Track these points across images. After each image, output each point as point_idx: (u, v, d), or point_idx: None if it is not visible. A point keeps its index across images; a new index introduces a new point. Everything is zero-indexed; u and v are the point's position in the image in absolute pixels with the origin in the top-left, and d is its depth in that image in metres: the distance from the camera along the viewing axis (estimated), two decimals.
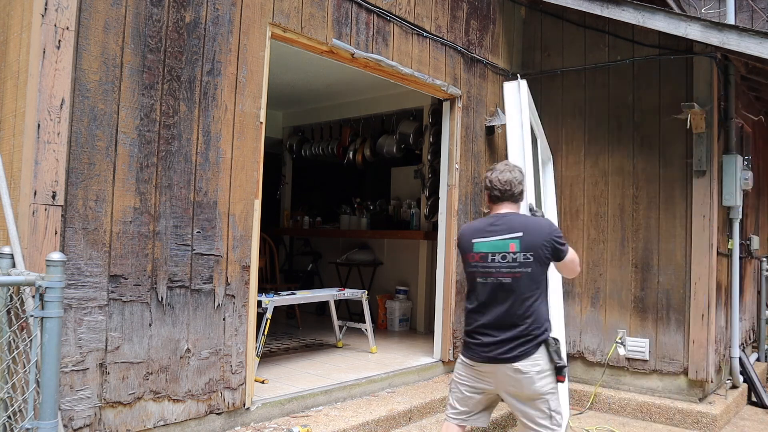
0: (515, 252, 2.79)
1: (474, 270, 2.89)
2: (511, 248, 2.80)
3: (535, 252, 2.79)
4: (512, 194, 2.95)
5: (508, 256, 2.80)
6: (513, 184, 2.94)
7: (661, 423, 4.95)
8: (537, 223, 2.90)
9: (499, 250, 2.82)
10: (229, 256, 3.45)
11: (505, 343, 2.77)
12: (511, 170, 2.97)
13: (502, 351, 2.77)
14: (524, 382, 2.75)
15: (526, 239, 2.79)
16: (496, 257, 2.82)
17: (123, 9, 2.96)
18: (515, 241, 2.79)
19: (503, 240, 2.82)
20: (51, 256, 2.31)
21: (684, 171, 5.11)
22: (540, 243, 2.80)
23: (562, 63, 5.83)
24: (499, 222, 2.88)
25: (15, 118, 2.78)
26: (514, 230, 2.82)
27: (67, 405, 2.75)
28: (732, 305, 5.63)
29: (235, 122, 3.50)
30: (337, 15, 4.16)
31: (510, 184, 2.93)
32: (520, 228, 2.83)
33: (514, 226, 2.84)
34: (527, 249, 2.79)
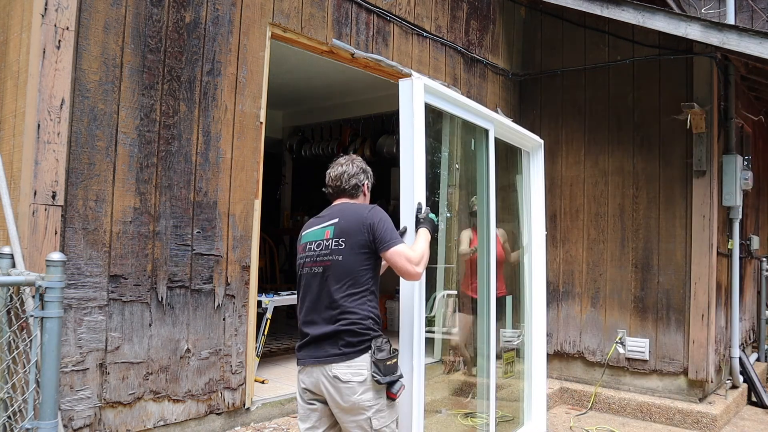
0: (328, 239, 2.48)
1: (300, 261, 2.60)
2: (326, 235, 2.50)
3: (348, 238, 2.44)
4: (343, 190, 2.64)
5: (323, 243, 2.49)
6: (343, 179, 2.63)
7: (661, 423, 4.95)
8: (357, 208, 2.56)
9: (317, 239, 2.53)
10: (229, 256, 3.45)
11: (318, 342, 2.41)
12: (345, 164, 2.67)
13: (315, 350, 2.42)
14: (343, 391, 2.35)
15: (340, 224, 2.48)
16: (312, 245, 2.53)
17: (123, 9, 2.96)
18: (330, 228, 2.50)
19: (321, 228, 2.54)
20: (51, 256, 2.31)
21: (684, 171, 5.11)
22: (354, 228, 2.45)
23: (562, 63, 5.83)
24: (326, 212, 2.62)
25: (15, 118, 2.78)
26: (333, 217, 2.54)
27: (67, 405, 2.75)
28: (732, 305, 5.63)
29: (235, 122, 3.50)
30: (337, 15, 4.16)
31: (339, 179, 2.64)
32: (338, 214, 2.54)
33: (333, 213, 2.57)
34: (339, 235, 2.46)
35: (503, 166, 4.96)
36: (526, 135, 4.64)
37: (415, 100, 2.92)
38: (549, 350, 5.73)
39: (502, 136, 4.48)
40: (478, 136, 4.04)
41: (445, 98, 3.34)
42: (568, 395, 5.45)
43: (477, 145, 4.12)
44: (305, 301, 2.51)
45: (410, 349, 2.71)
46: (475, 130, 3.99)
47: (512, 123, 4.54)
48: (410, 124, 2.90)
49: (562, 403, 5.43)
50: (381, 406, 2.40)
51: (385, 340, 2.43)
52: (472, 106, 3.75)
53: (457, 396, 4.86)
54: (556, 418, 4.99)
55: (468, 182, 5.60)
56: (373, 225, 2.45)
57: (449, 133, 4.87)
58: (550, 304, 5.76)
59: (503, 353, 4.77)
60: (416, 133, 2.90)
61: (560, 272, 5.73)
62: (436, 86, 3.23)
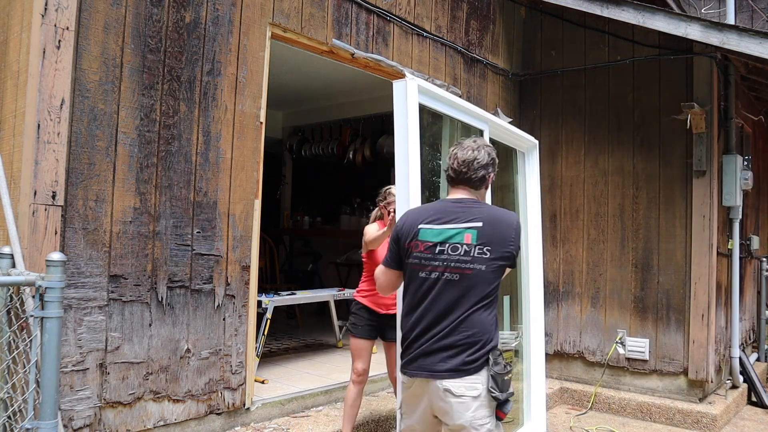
0: (470, 244, 2.25)
1: (415, 261, 2.32)
2: (465, 239, 2.26)
3: (493, 248, 2.26)
4: (468, 179, 2.39)
5: (461, 247, 2.26)
6: (472, 166, 2.38)
7: (661, 423, 4.95)
8: (503, 216, 2.35)
9: (452, 240, 2.28)
10: (229, 256, 3.45)
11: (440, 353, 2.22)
12: (476, 149, 2.40)
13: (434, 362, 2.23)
14: (455, 407, 2.18)
15: (485, 231, 2.27)
16: (446, 248, 2.27)
17: (123, 9, 2.96)
18: (472, 232, 2.26)
19: (457, 229, 2.29)
20: (51, 256, 2.31)
21: (684, 171, 5.11)
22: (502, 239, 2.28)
23: (562, 63, 5.83)
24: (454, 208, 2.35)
25: (15, 118, 2.78)
26: (472, 218, 2.30)
27: (67, 405, 2.75)
28: (732, 305, 5.63)
29: (235, 122, 3.50)
30: (337, 15, 4.16)
31: (468, 165, 2.38)
32: (479, 217, 2.30)
33: (472, 213, 2.31)
34: (484, 243, 2.25)
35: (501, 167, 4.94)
36: (521, 135, 4.65)
37: (409, 100, 2.92)
38: (549, 350, 5.74)
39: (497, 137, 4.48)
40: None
41: (439, 99, 3.34)
42: (568, 395, 5.45)
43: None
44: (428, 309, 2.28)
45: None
46: (471, 130, 3.99)
47: (507, 124, 4.54)
48: (404, 124, 2.89)
49: (562, 403, 5.43)
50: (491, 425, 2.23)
51: (499, 353, 2.27)
52: (467, 107, 3.75)
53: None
54: (556, 418, 4.99)
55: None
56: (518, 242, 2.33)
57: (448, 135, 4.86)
58: (550, 304, 5.76)
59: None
60: (410, 133, 2.89)
61: (560, 272, 5.73)
62: (430, 87, 3.23)
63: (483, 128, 3.95)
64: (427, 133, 3.44)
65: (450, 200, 2.42)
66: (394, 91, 2.92)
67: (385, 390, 4.56)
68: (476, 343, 2.22)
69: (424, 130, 3.09)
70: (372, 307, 3.49)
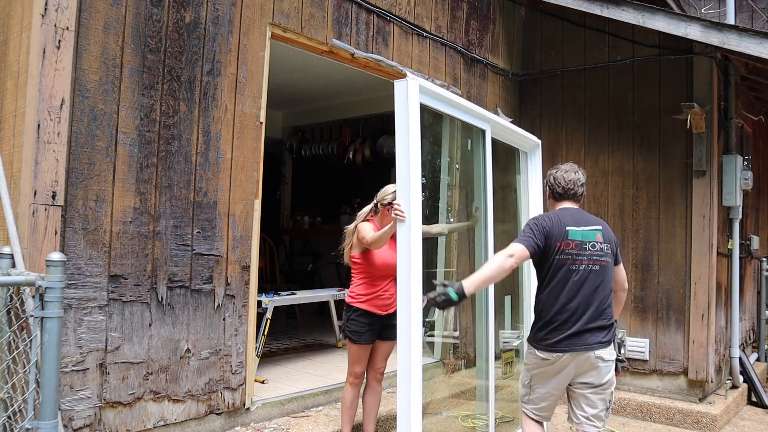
0: (601, 242, 2.93)
1: (566, 257, 2.89)
2: (598, 238, 2.93)
3: (610, 245, 2.98)
4: (575, 194, 3.08)
5: (597, 245, 2.92)
6: (577, 184, 3.09)
7: (661, 423, 4.95)
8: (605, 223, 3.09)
9: (590, 240, 2.92)
10: (229, 256, 3.45)
11: (598, 331, 2.84)
12: (575, 171, 3.13)
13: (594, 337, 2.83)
14: (603, 370, 2.87)
15: (605, 232, 2.98)
16: (588, 245, 2.91)
17: (123, 9, 2.96)
18: (600, 233, 2.95)
19: (592, 230, 2.94)
20: (51, 256, 2.31)
21: (684, 171, 5.11)
22: (612, 238, 3.02)
23: (562, 63, 5.83)
24: (579, 215, 3.02)
25: (15, 118, 2.78)
26: (595, 223, 2.99)
27: (67, 405, 2.75)
28: (732, 305, 5.63)
29: (235, 122, 3.50)
30: (337, 15, 4.16)
31: (575, 184, 3.08)
32: (598, 222, 3.02)
33: (592, 220, 3.02)
34: (607, 241, 2.96)
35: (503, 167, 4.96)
36: (523, 135, 4.65)
37: (410, 100, 2.92)
38: None
39: (499, 137, 4.48)
40: (475, 137, 4.04)
41: (440, 99, 3.33)
42: None
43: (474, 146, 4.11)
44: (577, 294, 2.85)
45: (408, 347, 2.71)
46: (472, 130, 3.98)
47: (509, 123, 4.54)
48: (405, 124, 2.89)
49: (563, 403, 5.42)
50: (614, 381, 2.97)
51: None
52: (469, 107, 3.74)
53: (457, 398, 4.86)
54: (556, 418, 4.98)
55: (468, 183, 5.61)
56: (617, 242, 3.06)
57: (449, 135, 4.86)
58: None
59: (502, 354, 4.77)
60: (411, 133, 2.88)
61: None
62: (431, 87, 3.22)
63: (485, 128, 3.95)
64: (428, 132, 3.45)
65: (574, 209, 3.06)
66: (396, 90, 2.92)
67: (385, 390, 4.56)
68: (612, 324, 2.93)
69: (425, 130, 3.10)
70: (373, 310, 3.44)
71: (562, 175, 3.12)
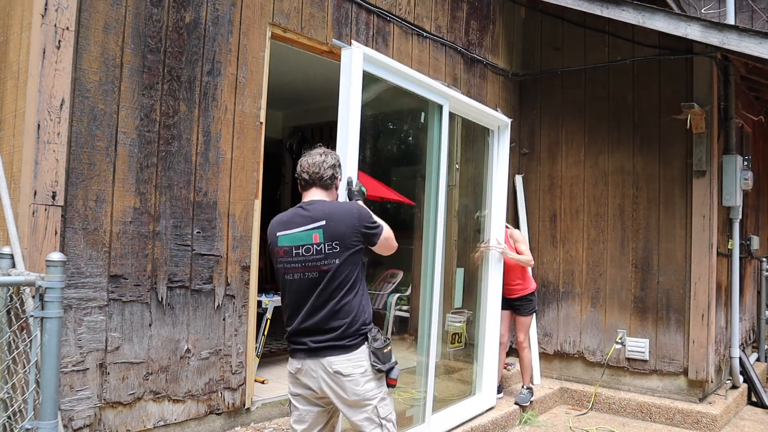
0: (319, 243, 2.49)
1: (281, 266, 2.56)
2: (314, 239, 2.50)
3: (341, 241, 2.50)
4: (320, 178, 2.63)
5: (313, 248, 2.50)
6: (322, 167, 2.63)
7: (661, 423, 4.95)
8: (342, 210, 2.58)
9: (303, 243, 2.51)
10: (229, 256, 3.45)
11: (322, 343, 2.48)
12: (322, 154, 2.68)
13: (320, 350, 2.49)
14: (347, 384, 2.47)
15: (330, 227, 2.50)
16: (299, 250, 2.51)
17: (123, 9, 2.96)
18: (318, 231, 2.50)
19: (306, 231, 2.52)
20: (51, 257, 2.31)
21: (684, 171, 5.12)
22: (346, 231, 2.51)
23: (562, 63, 5.83)
24: (303, 212, 2.58)
25: (15, 118, 2.78)
26: (317, 219, 2.52)
27: (67, 405, 2.75)
28: (732, 305, 5.63)
29: (235, 122, 3.50)
30: (337, 15, 4.16)
31: (318, 167, 2.62)
32: (323, 216, 2.52)
33: (316, 214, 2.54)
34: (331, 238, 2.49)
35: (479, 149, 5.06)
36: (490, 114, 4.70)
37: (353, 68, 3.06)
38: (549, 350, 5.74)
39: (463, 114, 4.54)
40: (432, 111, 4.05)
41: (387, 68, 3.46)
42: (568, 395, 5.45)
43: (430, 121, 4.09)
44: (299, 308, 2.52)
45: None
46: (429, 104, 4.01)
47: (473, 101, 4.56)
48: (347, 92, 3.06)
49: (562, 403, 5.43)
50: (383, 394, 2.53)
51: (377, 330, 2.56)
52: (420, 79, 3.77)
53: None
54: (556, 418, 4.99)
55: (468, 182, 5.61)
56: (366, 226, 2.57)
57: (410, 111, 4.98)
58: (549, 304, 5.76)
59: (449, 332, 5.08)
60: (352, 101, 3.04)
61: (560, 272, 5.74)
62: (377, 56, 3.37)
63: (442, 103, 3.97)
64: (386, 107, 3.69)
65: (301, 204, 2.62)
66: (342, 59, 3.08)
67: None
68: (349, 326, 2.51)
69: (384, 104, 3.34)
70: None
71: (305, 160, 2.66)
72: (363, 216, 2.59)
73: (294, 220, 2.57)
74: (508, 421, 4.59)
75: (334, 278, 2.49)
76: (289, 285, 2.55)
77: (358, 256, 2.56)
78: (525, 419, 4.77)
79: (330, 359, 2.47)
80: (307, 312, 2.51)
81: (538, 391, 5.20)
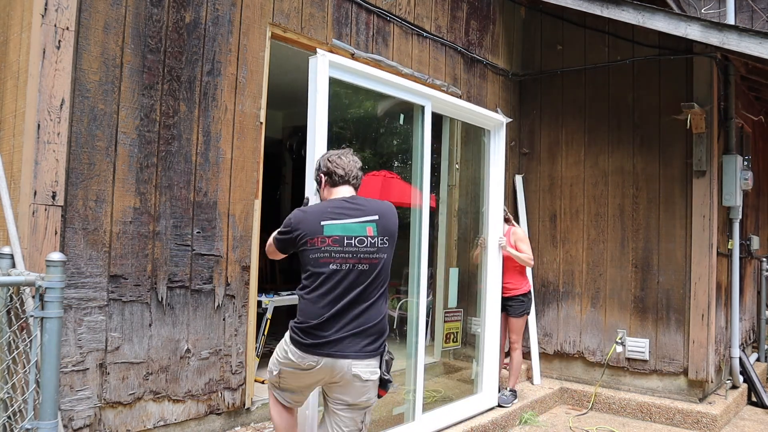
0: (373, 236, 2.55)
1: (326, 255, 2.52)
2: (368, 232, 2.55)
3: (391, 237, 2.61)
4: (355, 177, 2.73)
5: (367, 240, 2.54)
6: (356, 168, 2.73)
7: (661, 423, 4.95)
8: (390, 207, 2.68)
9: (356, 234, 2.54)
10: (229, 256, 3.45)
11: (359, 339, 2.49)
12: (353, 156, 2.78)
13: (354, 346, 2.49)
14: (361, 390, 2.51)
15: (383, 223, 2.58)
16: (352, 241, 2.52)
17: (123, 9, 2.96)
18: (372, 225, 2.56)
19: (359, 223, 2.56)
20: (51, 257, 2.31)
21: (684, 171, 5.12)
22: (394, 228, 2.64)
23: (562, 63, 5.83)
24: (351, 205, 2.61)
25: (15, 118, 2.78)
26: (369, 213, 2.59)
27: (67, 405, 2.75)
28: (732, 305, 5.63)
29: (235, 122, 3.50)
30: (337, 15, 4.16)
31: (353, 168, 2.72)
32: (375, 210, 2.60)
33: (367, 209, 2.60)
34: (383, 234, 2.57)
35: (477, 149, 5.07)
36: (483, 114, 4.69)
37: (319, 75, 3.19)
38: (549, 350, 5.74)
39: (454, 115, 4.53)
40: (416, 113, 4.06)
41: (356, 73, 3.54)
42: (568, 395, 5.45)
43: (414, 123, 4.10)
44: (343, 297, 2.49)
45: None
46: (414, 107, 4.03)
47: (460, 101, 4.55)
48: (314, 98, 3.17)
49: (562, 403, 5.43)
50: (374, 401, 2.63)
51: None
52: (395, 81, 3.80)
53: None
54: (556, 418, 4.99)
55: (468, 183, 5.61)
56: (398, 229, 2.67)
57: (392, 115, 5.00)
58: (549, 304, 5.76)
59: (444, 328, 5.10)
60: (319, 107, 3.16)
61: (560, 272, 5.74)
62: (344, 61, 3.46)
63: (423, 104, 3.97)
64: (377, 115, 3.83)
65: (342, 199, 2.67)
66: (309, 67, 3.23)
67: None
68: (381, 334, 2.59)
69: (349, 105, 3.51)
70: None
71: (336, 159, 2.72)
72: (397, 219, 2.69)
73: (344, 212, 2.57)
74: (508, 421, 4.59)
75: (380, 273, 2.55)
76: (333, 274, 2.50)
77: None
78: (525, 419, 4.77)
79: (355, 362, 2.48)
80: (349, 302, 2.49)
81: (537, 391, 5.20)
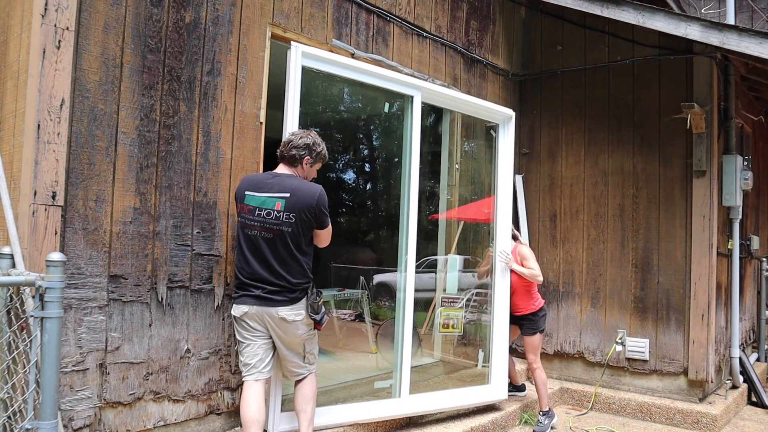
0: (279, 210, 3.02)
1: (242, 221, 3.10)
2: (276, 206, 3.03)
3: (297, 214, 3.03)
4: (291, 157, 3.18)
5: (273, 213, 3.03)
6: (288, 146, 3.17)
7: (661, 423, 4.95)
8: (306, 188, 3.09)
9: (266, 206, 3.04)
10: (229, 256, 3.45)
11: (270, 294, 3.03)
12: (297, 135, 3.21)
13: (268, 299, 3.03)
14: (289, 329, 3.08)
15: (291, 201, 3.03)
16: (261, 212, 3.04)
17: (123, 9, 2.96)
18: (281, 201, 3.03)
19: (271, 197, 3.05)
20: (51, 257, 2.31)
21: (684, 171, 5.12)
22: (304, 207, 3.04)
23: (562, 63, 5.84)
24: (273, 180, 3.11)
25: (15, 118, 2.78)
26: (283, 190, 3.06)
27: (67, 405, 2.75)
28: (732, 305, 5.63)
29: (235, 122, 3.50)
30: (337, 15, 4.16)
31: (286, 146, 3.18)
32: (288, 189, 3.06)
33: (284, 186, 3.07)
34: (290, 210, 3.03)
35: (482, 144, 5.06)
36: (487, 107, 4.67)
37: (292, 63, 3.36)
38: (549, 350, 5.74)
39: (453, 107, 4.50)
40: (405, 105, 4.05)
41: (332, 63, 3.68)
42: (568, 395, 5.45)
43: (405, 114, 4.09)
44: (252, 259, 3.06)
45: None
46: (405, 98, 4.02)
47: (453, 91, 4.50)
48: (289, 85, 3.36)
49: (562, 403, 5.43)
50: (309, 334, 3.20)
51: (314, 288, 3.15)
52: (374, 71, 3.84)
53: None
54: None
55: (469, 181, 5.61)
56: (319, 211, 3.08)
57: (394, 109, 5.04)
58: (550, 304, 5.76)
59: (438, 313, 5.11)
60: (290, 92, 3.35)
61: (560, 272, 5.74)
62: (316, 51, 3.60)
63: (412, 94, 3.95)
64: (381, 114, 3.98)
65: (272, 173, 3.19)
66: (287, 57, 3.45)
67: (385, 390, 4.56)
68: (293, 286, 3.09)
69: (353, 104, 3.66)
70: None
71: (286, 137, 3.23)
72: (321, 200, 3.09)
73: (263, 186, 3.09)
74: (508, 421, 4.59)
75: (285, 241, 3.01)
76: (247, 239, 3.08)
77: (307, 229, 3.07)
78: (525, 419, 4.77)
79: (278, 308, 3.03)
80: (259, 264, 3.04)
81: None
